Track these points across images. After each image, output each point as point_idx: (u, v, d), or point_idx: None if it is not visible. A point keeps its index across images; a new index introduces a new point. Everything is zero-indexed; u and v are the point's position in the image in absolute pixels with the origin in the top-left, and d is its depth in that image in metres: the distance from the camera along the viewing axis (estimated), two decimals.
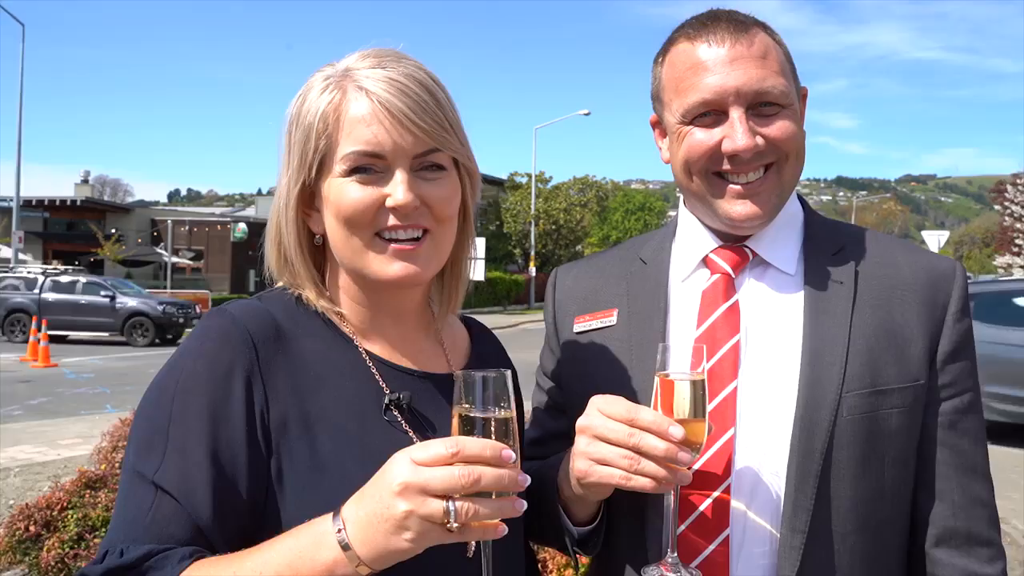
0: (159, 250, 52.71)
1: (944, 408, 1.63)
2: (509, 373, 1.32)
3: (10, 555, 4.91)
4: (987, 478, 1.65)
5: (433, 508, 1.19)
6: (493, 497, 1.22)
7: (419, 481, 1.19)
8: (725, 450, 1.59)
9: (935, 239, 30.76)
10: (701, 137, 1.64)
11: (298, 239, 1.56)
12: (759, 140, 1.61)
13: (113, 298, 28.97)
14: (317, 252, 1.61)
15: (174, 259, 50.60)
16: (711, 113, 1.63)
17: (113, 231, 50.50)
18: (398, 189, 1.46)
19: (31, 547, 4.88)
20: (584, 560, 3.94)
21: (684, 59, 1.66)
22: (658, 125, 1.79)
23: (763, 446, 1.60)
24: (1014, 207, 35.37)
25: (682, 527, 1.59)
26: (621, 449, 1.43)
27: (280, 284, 1.62)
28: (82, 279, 30.42)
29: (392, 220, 1.48)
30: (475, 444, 1.22)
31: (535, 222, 58.31)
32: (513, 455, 1.23)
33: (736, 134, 1.60)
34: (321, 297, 1.57)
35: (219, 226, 56.80)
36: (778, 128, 1.63)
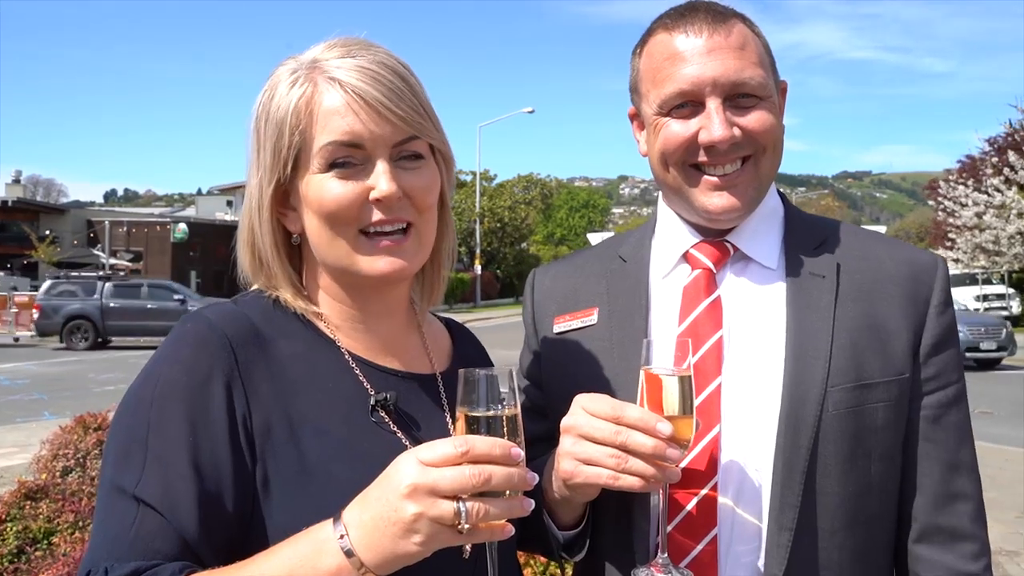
0: (96, 251, 51.62)
1: (928, 402, 1.62)
2: (512, 370, 1.29)
3: None
4: (972, 472, 1.63)
5: (443, 509, 1.15)
6: (505, 496, 1.19)
7: (428, 482, 1.15)
8: (710, 448, 1.56)
9: None
10: (678, 128, 1.62)
11: (274, 240, 1.51)
12: (736, 131, 1.59)
13: (184, 301, 28.15)
14: (293, 252, 1.55)
15: (112, 260, 49.59)
16: (688, 104, 1.61)
17: (47, 232, 49.25)
18: (381, 180, 1.41)
19: None
20: (543, 560, 3.93)
21: (662, 50, 1.64)
22: (636, 117, 1.77)
23: (749, 443, 1.57)
24: (947, 203, 36.34)
25: (669, 527, 1.56)
26: (608, 448, 1.40)
27: (255, 287, 1.56)
28: (145, 283, 29.81)
29: (376, 215, 1.44)
30: (484, 443, 1.19)
31: (480, 220, 58.33)
32: (522, 453, 1.21)
33: (713, 125, 1.58)
34: (299, 298, 1.52)
35: (158, 227, 55.77)
36: (756, 120, 1.61)
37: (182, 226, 53.46)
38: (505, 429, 1.24)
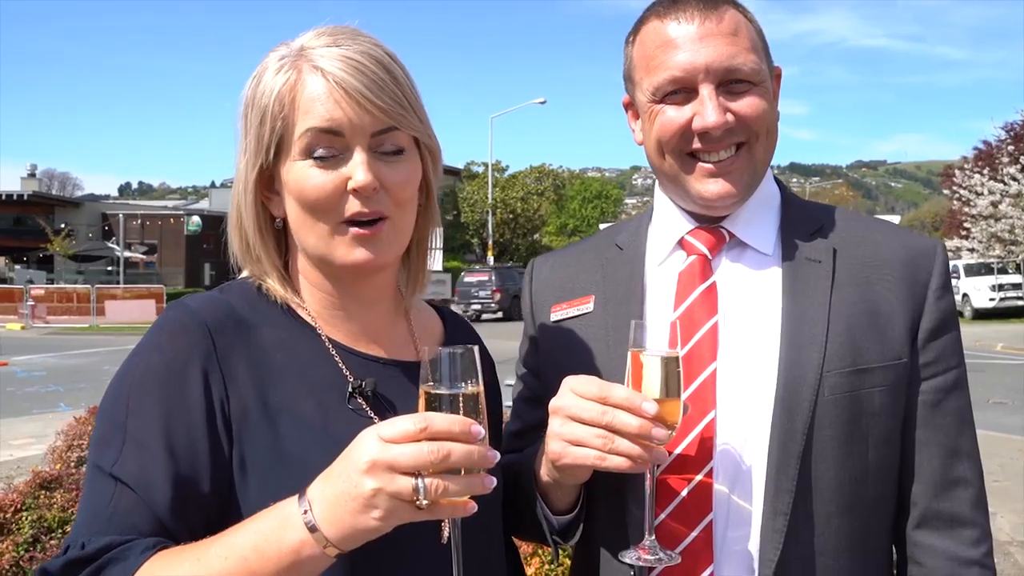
0: (111, 244, 51.91)
1: (927, 387, 1.61)
2: (476, 348, 1.29)
3: None
4: (972, 457, 1.62)
5: (401, 485, 1.17)
6: (462, 473, 1.20)
7: (387, 458, 1.17)
8: (706, 433, 1.56)
9: None
10: (672, 115, 1.62)
11: (258, 224, 1.53)
12: (730, 117, 1.59)
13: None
14: (279, 237, 1.58)
15: (127, 253, 49.83)
16: (681, 91, 1.61)
17: (63, 226, 49.53)
18: (358, 170, 1.43)
19: None
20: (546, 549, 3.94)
21: (654, 37, 1.64)
22: (630, 106, 1.77)
23: (744, 428, 1.57)
24: (962, 191, 35.94)
25: (664, 514, 1.57)
26: (595, 428, 1.41)
27: (243, 274, 1.60)
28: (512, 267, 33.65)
29: (355, 206, 1.45)
30: (443, 420, 1.20)
31: (492, 211, 58.27)
32: (482, 431, 1.22)
33: (706, 111, 1.58)
34: (284, 285, 1.55)
35: (172, 219, 56.08)
36: (749, 105, 1.60)
37: (195, 219, 53.72)
38: (463, 407, 1.25)
